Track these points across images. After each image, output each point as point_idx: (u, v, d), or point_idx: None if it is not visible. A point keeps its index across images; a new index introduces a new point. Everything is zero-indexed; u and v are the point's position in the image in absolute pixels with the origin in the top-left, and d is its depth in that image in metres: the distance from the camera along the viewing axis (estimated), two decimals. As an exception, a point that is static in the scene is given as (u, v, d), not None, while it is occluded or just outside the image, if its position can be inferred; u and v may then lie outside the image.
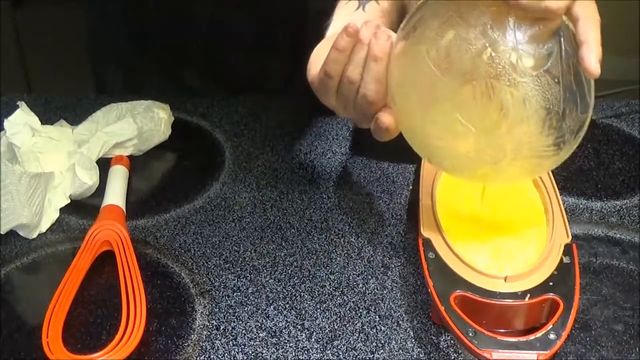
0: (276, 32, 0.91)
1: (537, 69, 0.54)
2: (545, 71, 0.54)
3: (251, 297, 0.64)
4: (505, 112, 0.54)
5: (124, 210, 0.71)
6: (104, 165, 0.77)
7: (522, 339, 0.54)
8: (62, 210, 0.73)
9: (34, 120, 0.76)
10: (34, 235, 0.70)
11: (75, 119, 0.83)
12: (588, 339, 0.59)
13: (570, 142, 0.57)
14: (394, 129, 0.59)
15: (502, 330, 0.56)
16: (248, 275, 0.66)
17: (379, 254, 0.68)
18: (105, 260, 0.66)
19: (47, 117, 0.81)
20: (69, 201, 0.73)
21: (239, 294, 0.64)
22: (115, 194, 0.72)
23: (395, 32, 0.59)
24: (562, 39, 0.55)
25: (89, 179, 0.74)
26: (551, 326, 0.54)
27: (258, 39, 0.91)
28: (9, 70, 1.91)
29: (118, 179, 0.75)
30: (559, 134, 0.56)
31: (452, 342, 0.59)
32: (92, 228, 0.67)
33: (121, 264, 0.64)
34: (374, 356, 0.58)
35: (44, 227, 0.71)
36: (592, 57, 0.54)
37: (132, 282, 0.62)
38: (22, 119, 0.75)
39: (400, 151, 0.82)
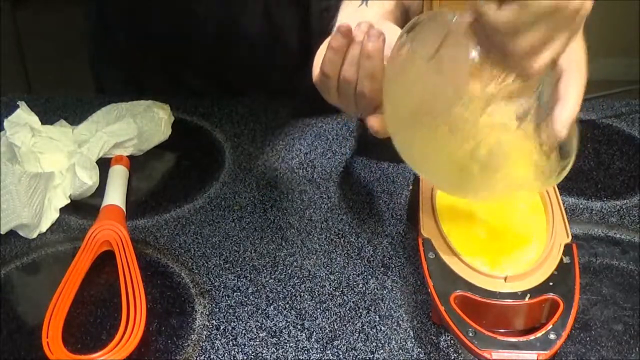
0: (279, 31, 0.91)
1: (514, 122, 0.53)
2: (522, 124, 0.53)
3: (251, 297, 0.64)
4: (481, 162, 0.55)
5: (124, 210, 0.71)
6: (104, 165, 0.77)
7: (522, 339, 0.54)
8: (62, 210, 0.73)
9: (34, 120, 0.76)
10: (34, 235, 0.70)
11: (75, 119, 0.83)
12: (588, 339, 0.59)
13: (554, 179, 0.57)
14: (383, 132, 0.59)
15: (502, 330, 0.56)
16: (248, 275, 0.66)
17: (379, 254, 0.68)
18: (105, 260, 0.66)
19: (47, 117, 0.81)
20: (69, 201, 0.73)
21: (239, 294, 0.64)
22: (115, 194, 0.72)
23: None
24: (542, 92, 0.54)
25: (89, 179, 0.74)
26: (551, 326, 0.54)
27: (260, 39, 0.91)
28: (9, 70, 1.91)
29: (118, 179, 0.75)
30: (541, 177, 0.56)
31: (452, 342, 0.59)
32: (92, 228, 0.67)
33: (121, 264, 0.64)
34: (374, 356, 0.58)
35: (44, 227, 0.71)
36: (563, 117, 0.53)
37: (132, 282, 0.62)
38: (22, 119, 0.75)
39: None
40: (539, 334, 0.54)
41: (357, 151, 0.81)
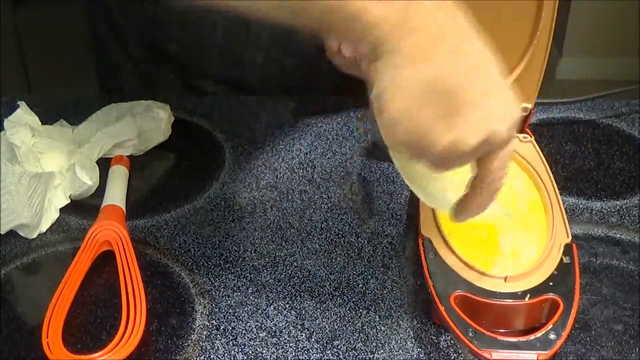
0: (290, 30, 0.91)
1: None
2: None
3: (251, 297, 0.64)
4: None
5: (124, 210, 0.71)
6: (104, 165, 0.77)
7: (522, 339, 0.54)
8: (62, 210, 0.73)
9: (34, 120, 0.76)
10: (34, 235, 0.70)
11: (75, 119, 0.82)
12: (588, 339, 0.59)
13: None
14: None
15: (502, 330, 0.56)
16: (248, 275, 0.66)
17: (379, 254, 0.68)
18: (105, 260, 0.66)
19: (47, 117, 0.81)
20: (69, 201, 0.73)
21: (239, 294, 0.64)
22: (115, 194, 0.72)
23: None
24: None
25: (89, 179, 0.74)
26: (551, 326, 0.54)
27: (264, 38, 0.91)
28: (9, 70, 1.91)
29: (118, 179, 0.75)
30: None
31: (452, 342, 0.59)
32: (92, 228, 0.67)
33: (121, 264, 0.64)
34: (374, 356, 0.58)
35: (44, 227, 0.70)
36: (463, 210, 0.53)
37: (132, 282, 0.62)
38: (22, 118, 0.75)
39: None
40: (539, 334, 0.54)
41: (357, 151, 0.81)
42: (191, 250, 0.68)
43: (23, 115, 0.75)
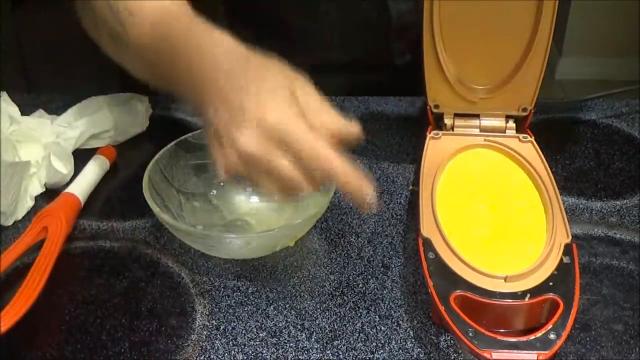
0: (281, 29, 0.91)
1: None
2: None
3: (251, 297, 0.64)
4: None
5: (81, 200, 0.72)
6: (88, 156, 0.77)
7: (522, 339, 0.54)
8: (37, 198, 0.73)
9: (14, 110, 0.78)
10: (10, 223, 0.71)
11: (62, 111, 0.83)
12: (588, 339, 0.59)
13: None
14: None
15: (502, 330, 0.56)
16: (248, 275, 0.66)
17: (379, 254, 0.68)
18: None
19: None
20: (44, 190, 0.74)
21: (239, 294, 0.64)
22: (79, 183, 0.73)
23: None
24: None
25: (64, 168, 0.75)
26: (551, 326, 0.54)
27: (263, 36, 0.91)
28: (9, 70, 1.91)
29: (90, 169, 0.75)
30: None
31: (452, 342, 0.59)
32: (40, 212, 0.68)
33: (42, 255, 0.63)
34: (374, 356, 0.58)
35: (19, 214, 0.72)
36: None
37: (39, 274, 0.61)
38: (2, 109, 0.75)
39: (401, 151, 0.82)
40: (539, 334, 0.54)
41: (357, 151, 0.81)
42: (191, 250, 0.68)
43: (3, 105, 0.76)
